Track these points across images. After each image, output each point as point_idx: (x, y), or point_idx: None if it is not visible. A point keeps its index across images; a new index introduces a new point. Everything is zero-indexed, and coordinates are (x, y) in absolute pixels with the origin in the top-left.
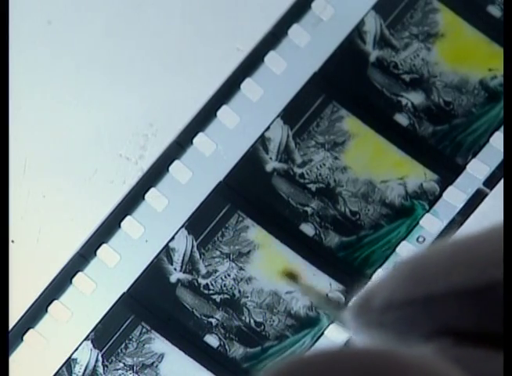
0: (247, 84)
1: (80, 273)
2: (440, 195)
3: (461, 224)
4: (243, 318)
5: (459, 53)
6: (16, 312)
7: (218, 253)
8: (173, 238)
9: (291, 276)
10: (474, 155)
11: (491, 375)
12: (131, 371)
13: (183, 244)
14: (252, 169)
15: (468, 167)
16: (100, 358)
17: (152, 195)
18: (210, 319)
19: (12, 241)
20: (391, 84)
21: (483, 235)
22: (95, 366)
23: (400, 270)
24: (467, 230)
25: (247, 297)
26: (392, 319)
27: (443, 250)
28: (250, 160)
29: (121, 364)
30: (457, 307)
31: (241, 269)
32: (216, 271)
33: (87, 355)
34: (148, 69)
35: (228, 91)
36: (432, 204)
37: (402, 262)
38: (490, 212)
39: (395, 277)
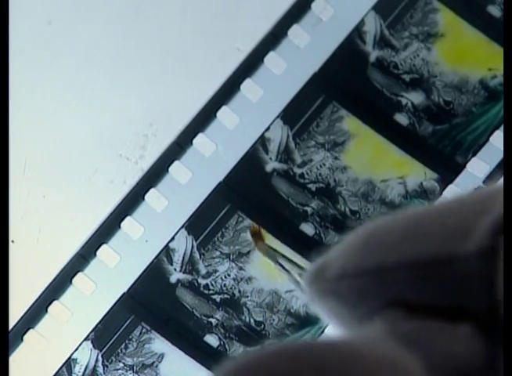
0: (247, 85)
1: (80, 273)
2: (440, 194)
3: None
4: (243, 317)
5: (459, 53)
6: (16, 312)
7: (217, 253)
8: (173, 238)
9: (256, 236)
10: (474, 154)
11: (440, 347)
12: (131, 371)
13: (183, 245)
14: (252, 169)
15: (468, 166)
16: (100, 358)
17: (152, 195)
18: (210, 319)
19: (12, 241)
20: (391, 84)
21: (434, 210)
22: (95, 366)
23: (353, 241)
24: None
25: (247, 296)
26: (345, 289)
27: (397, 222)
28: (250, 161)
29: (121, 364)
30: (408, 279)
31: (241, 269)
32: (216, 271)
33: (87, 355)
34: (148, 69)
35: (228, 91)
36: (432, 202)
37: (357, 232)
38: None
39: (348, 247)
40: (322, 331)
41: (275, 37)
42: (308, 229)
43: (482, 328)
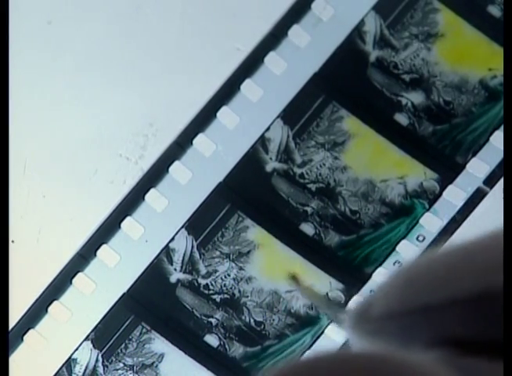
0: (247, 85)
1: (80, 273)
2: (440, 194)
3: (461, 223)
4: (243, 317)
5: (459, 53)
6: (16, 312)
7: (217, 253)
8: (173, 238)
9: (293, 279)
10: (474, 154)
11: None
12: (131, 371)
13: (183, 245)
14: (252, 169)
15: (468, 166)
16: (100, 358)
17: (152, 195)
18: (210, 319)
19: (12, 241)
20: (391, 84)
21: (479, 242)
22: (95, 366)
23: (398, 279)
24: (467, 229)
25: (247, 296)
26: (391, 328)
27: (440, 258)
28: (250, 161)
29: (121, 364)
30: (456, 316)
31: (241, 269)
32: (216, 271)
33: (87, 355)
34: (148, 69)
35: (228, 91)
36: (432, 202)
37: (400, 271)
38: (490, 211)
39: (393, 286)
40: (322, 332)
41: (275, 37)
42: (308, 229)
43: None
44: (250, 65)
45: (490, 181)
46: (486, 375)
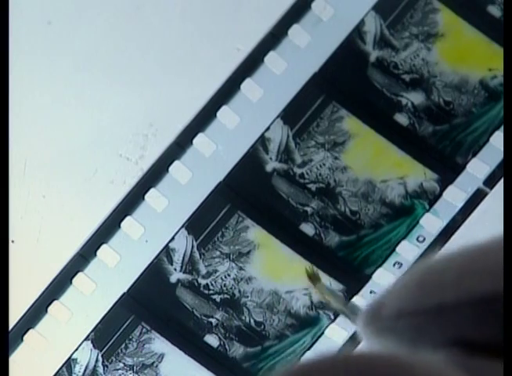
0: (247, 85)
1: (80, 273)
2: (440, 194)
3: (461, 223)
4: (243, 318)
5: (459, 53)
6: (16, 312)
7: (218, 253)
8: (173, 238)
9: (312, 278)
10: (474, 154)
11: None
12: (131, 371)
13: (183, 245)
14: (252, 169)
15: (468, 166)
16: (100, 358)
17: (152, 195)
18: (210, 319)
19: (12, 241)
20: (391, 84)
21: (491, 244)
22: (95, 366)
23: (410, 279)
24: (467, 230)
25: (247, 297)
26: (403, 327)
27: (452, 259)
28: (250, 161)
29: (121, 364)
30: (467, 317)
31: (241, 269)
32: (216, 271)
33: (87, 355)
34: (148, 69)
35: (228, 91)
36: (432, 203)
37: (412, 271)
38: (490, 211)
39: (405, 286)
40: (323, 332)
41: (275, 37)
42: (308, 229)
43: None
44: (250, 65)
45: (490, 181)
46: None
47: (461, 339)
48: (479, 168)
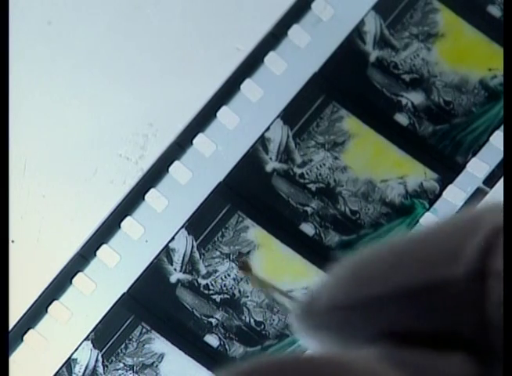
0: (247, 85)
1: (80, 273)
2: (440, 194)
3: None
4: (243, 317)
5: (459, 53)
6: (16, 312)
7: (217, 253)
8: (173, 238)
9: (244, 267)
10: (474, 154)
11: (433, 375)
12: (131, 371)
13: (183, 245)
14: (252, 169)
15: (468, 166)
16: (100, 358)
17: (152, 195)
18: (210, 319)
19: (12, 241)
20: (391, 84)
21: (421, 236)
22: (95, 366)
23: (341, 272)
24: None
25: (247, 296)
26: (335, 322)
27: (384, 251)
28: (250, 161)
29: (121, 364)
30: (398, 309)
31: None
32: (216, 271)
33: (87, 355)
34: (148, 69)
35: (228, 91)
36: (432, 202)
37: (344, 263)
38: None
39: (337, 279)
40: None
41: (275, 37)
42: (308, 229)
43: (475, 355)
44: (250, 65)
45: (490, 181)
46: (426, 368)
47: (391, 332)
48: (479, 167)
